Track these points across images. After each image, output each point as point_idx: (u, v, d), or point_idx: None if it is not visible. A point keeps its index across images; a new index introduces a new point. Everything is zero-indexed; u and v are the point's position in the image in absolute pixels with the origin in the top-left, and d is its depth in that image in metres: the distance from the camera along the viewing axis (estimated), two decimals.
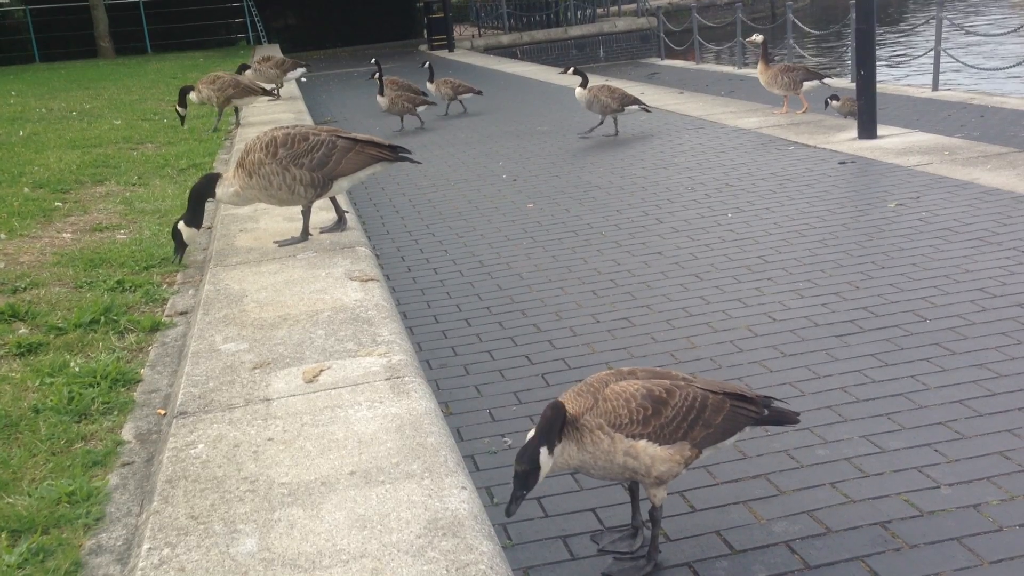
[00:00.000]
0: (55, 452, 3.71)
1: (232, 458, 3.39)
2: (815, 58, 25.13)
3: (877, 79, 9.98)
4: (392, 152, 6.33)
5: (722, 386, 3.23)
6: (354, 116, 15.93)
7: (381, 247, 7.45)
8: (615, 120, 11.73)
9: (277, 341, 4.51)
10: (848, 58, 19.32)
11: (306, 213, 6.36)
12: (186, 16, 36.16)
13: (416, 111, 13.51)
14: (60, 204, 8.35)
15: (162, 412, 4.09)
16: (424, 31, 35.01)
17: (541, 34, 33.06)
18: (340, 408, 3.72)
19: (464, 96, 14.73)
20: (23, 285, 5.85)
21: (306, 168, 6.07)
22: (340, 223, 6.62)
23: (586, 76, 11.77)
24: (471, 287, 6.34)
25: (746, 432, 3.26)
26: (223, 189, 6.13)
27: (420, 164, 7.07)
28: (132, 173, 9.84)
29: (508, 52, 30.80)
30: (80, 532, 3.17)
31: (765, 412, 3.23)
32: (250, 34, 36.93)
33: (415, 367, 4.16)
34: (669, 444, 3.04)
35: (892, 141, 9.63)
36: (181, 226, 6.13)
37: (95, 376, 4.37)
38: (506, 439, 4.17)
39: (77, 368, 4.47)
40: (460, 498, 2.99)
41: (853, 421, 4.08)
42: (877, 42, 10.62)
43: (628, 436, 3.00)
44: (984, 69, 17.29)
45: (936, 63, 15.32)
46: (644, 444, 3.01)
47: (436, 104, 14.31)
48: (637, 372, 3.18)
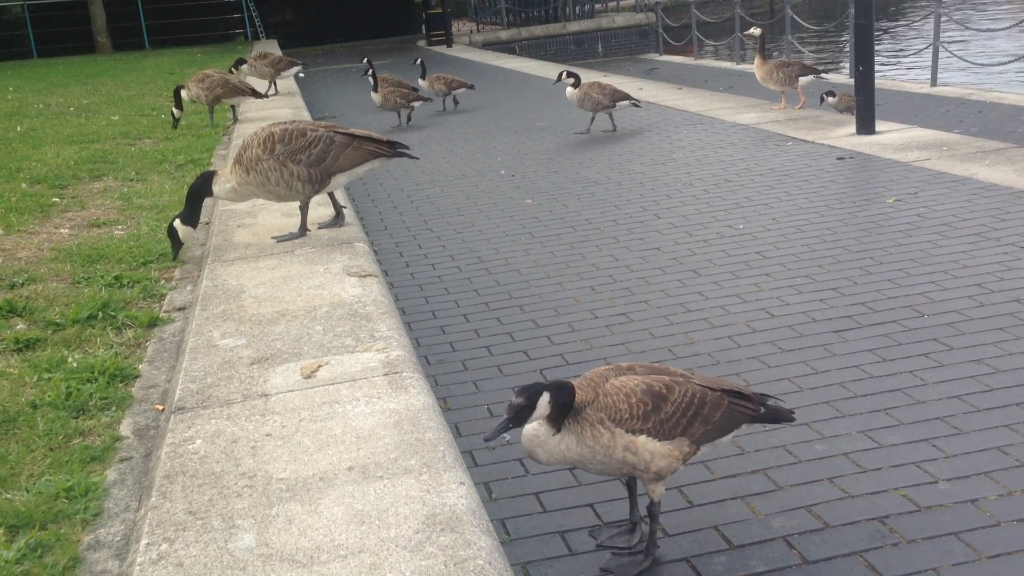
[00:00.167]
0: (53, 448, 3.71)
1: (230, 454, 3.39)
2: (814, 54, 25.11)
3: (876, 74, 9.98)
4: (390, 148, 6.32)
5: (720, 383, 3.24)
6: (352, 112, 15.91)
7: (379, 243, 7.45)
8: (611, 116, 11.71)
9: (275, 337, 4.51)
10: (847, 53, 19.30)
11: (304, 208, 6.36)
12: (184, 12, 36.15)
13: (410, 105, 13.49)
14: (58, 200, 8.34)
15: (160, 408, 4.08)
16: (422, 27, 35.00)
17: (539, 30, 33.03)
18: (338, 404, 3.72)
19: (457, 91, 14.74)
20: (21, 281, 5.85)
21: (303, 164, 6.06)
22: (338, 219, 6.61)
23: (578, 76, 11.69)
24: (469, 283, 6.33)
25: (743, 429, 3.27)
26: (220, 185, 6.13)
27: (418, 160, 7.06)
28: (130, 169, 9.83)
29: (506, 48, 30.79)
30: (78, 527, 3.17)
31: (761, 410, 3.23)
32: (248, 30, 36.90)
33: (413, 363, 4.16)
34: (668, 440, 3.05)
35: (890, 137, 9.63)
36: (177, 224, 6.13)
37: (93, 372, 4.37)
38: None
39: (75, 364, 4.47)
40: (458, 493, 3.00)
41: (851, 416, 4.08)
42: (876, 38, 10.60)
43: (628, 431, 3.00)
44: (983, 65, 17.28)
45: (935, 58, 15.31)
46: (644, 440, 3.01)
47: (431, 100, 14.28)
48: (636, 368, 3.18)
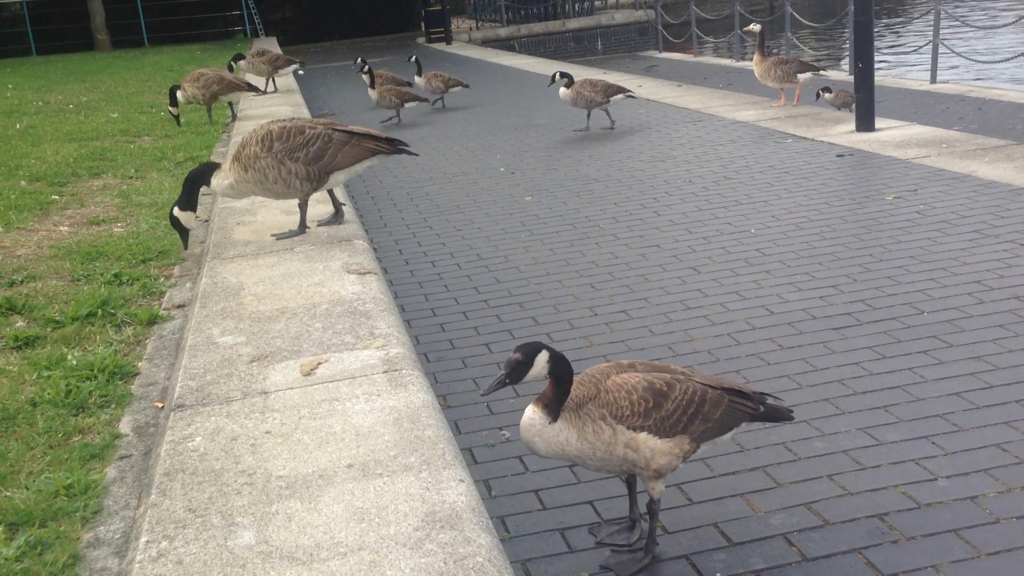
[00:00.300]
0: (53, 445, 3.71)
1: (230, 451, 3.39)
2: (813, 51, 25.09)
3: (875, 71, 9.98)
4: (389, 145, 6.31)
5: (720, 381, 3.24)
6: (351, 109, 15.90)
7: (379, 240, 7.44)
8: (607, 112, 11.70)
9: (275, 334, 4.51)
10: (847, 50, 19.28)
11: (303, 206, 6.35)
12: (183, 9, 36.16)
13: (404, 105, 13.44)
14: (57, 197, 8.34)
15: (160, 405, 4.09)
16: (422, 24, 34.98)
17: (539, 27, 33.04)
18: (338, 401, 3.72)
19: (453, 89, 14.74)
20: (20, 278, 5.85)
21: (302, 162, 6.05)
22: (337, 216, 6.61)
23: (571, 76, 11.64)
24: (469, 280, 6.33)
25: (742, 427, 3.27)
26: (219, 181, 6.12)
27: (418, 156, 7.06)
28: (129, 166, 9.83)
29: (506, 45, 30.80)
30: (78, 525, 3.17)
31: (761, 408, 3.23)
32: (247, 27, 36.90)
33: (413, 360, 4.16)
34: (669, 437, 3.05)
35: (890, 134, 9.63)
36: (177, 212, 6.11)
37: (92, 369, 4.37)
38: (504, 432, 4.16)
39: (74, 361, 4.47)
40: (458, 491, 3.00)
41: (850, 414, 4.08)
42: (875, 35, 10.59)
43: (629, 428, 3.01)
44: (983, 61, 17.26)
45: (934, 55, 15.30)
46: (645, 436, 3.02)
47: (427, 100, 14.17)
48: (637, 365, 3.19)
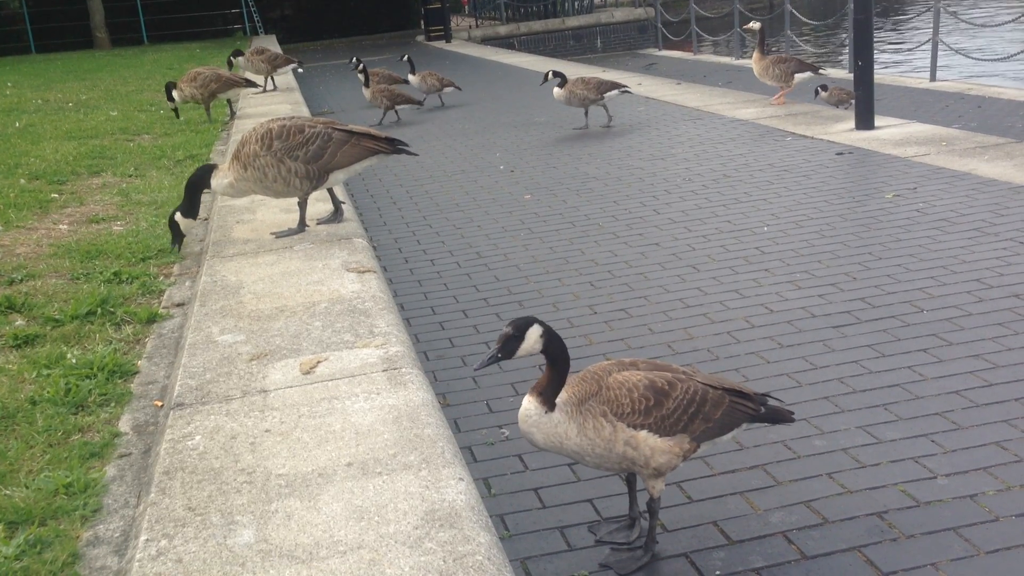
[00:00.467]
0: (52, 444, 3.71)
1: (229, 450, 3.39)
2: (813, 49, 25.07)
3: (875, 69, 9.98)
4: (389, 144, 6.31)
5: (721, 381, 3.24)
6: (351, 108, 15.89)
7: (378, 238, 7.44)
8: (605, 108, 11.69)
9: (274, 333, 4.51)
10: (846, 48, 19.26)
11: (302, 205, 6.35)
12: (182, 7, 36.13)
13: (395, 107, 13.39)
14: (56, 195, 8.34)
15: (159, 404, 4.09)
16: (421, 22, 34.96)
17: (538, 25, 33.02)
18: (337, 399, 3.72)
19: (447, 89, 14.74)
20: (19, 277, 5.85)
21: (301, 160, 6.05)
22: (337, 214, 6.60)
23: (564, 76, 11.60)
24: (468, 278, 6.33)
25: (743, 428, 3.27)
26: (218, 180, 6.12)
27: (417, 156, 7.05)
28: (128, 164, 9.82)
29: (505, 43, 30.78)
30: (77, 524, 3.17)
31: (762, 409, 3.24)
32: (247, 25, 36.88)
33: (412, 358, 4.16)
34: (669, 436, 3.05)
35: (889, 132, 9.62)
36: (178, 217, 6.15)
37: (92, 368, 4.37)
38: (503, 430, 4.16)
39: (74, 360, 4.47)
40: (457, 489, 3.00)
41: (850, 412, 4.08)
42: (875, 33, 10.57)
43: (630, 426, 3.01)
44: (982, 59, 17.24)
45: (934, 53, 15.30)
46: (645, 435, 3.02)
47: (420, 103, 14.05)
48: (638, 364, 3.19)
